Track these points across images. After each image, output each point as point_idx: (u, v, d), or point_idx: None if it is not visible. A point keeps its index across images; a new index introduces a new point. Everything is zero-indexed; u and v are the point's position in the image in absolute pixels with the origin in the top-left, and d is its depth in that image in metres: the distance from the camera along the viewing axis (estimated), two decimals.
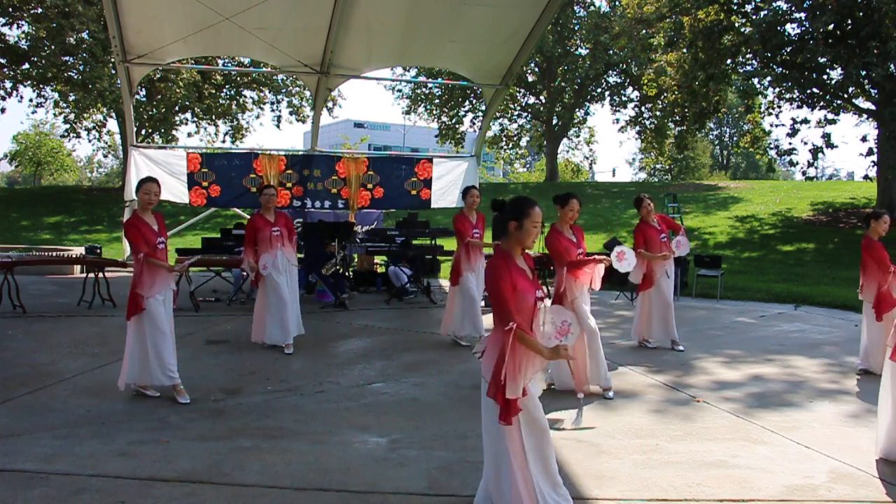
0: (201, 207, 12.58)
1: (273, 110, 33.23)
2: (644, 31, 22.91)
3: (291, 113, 28.93)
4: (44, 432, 4.28)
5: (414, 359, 6.57)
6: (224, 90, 27.75)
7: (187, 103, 25.74)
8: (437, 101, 33.27)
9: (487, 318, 3.98)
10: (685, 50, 20.13)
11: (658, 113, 30.69)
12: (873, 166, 18.67)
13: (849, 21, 17.27)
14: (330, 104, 26.80)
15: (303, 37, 10.67)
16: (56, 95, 25.77)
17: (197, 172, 11.52)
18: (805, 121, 19.18)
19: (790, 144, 23.98)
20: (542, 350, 3.05)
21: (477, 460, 3.28)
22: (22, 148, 43.58)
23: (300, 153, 14.62)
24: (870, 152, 18.43)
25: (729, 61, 19.87)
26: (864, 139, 18.67)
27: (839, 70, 18.31)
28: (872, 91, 18.15)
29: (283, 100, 28.84)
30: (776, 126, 35.22)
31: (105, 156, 48.69)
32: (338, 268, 9.70)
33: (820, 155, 18.90)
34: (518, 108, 34.75)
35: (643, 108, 32.71)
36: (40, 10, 21.77)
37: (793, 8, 18.28)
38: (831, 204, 21.94)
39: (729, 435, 4.53)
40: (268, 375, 5.82)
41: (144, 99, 25.38)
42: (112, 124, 30.68)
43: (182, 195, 11.55)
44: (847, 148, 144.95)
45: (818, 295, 10.88)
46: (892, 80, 16.58)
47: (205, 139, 30.56)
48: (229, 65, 25.38)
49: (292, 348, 6.63)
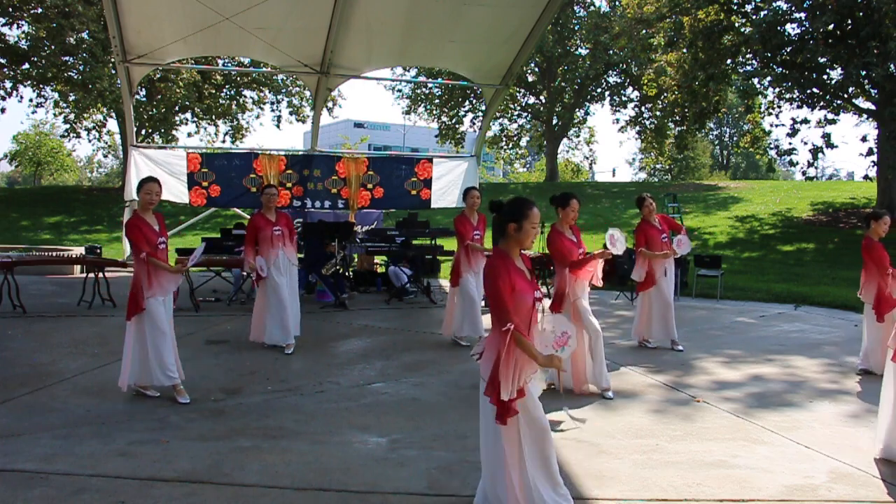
0: (201, 207, 12.59)
1: (273, 110, 33.30)
2: (644, 31, 22.91)
3: (291, 113, 28.95)
4: (44, 432, 4.28)
5: (414, 359, 6.57)
6: (224, 90, 27.76)
7: (187, 103, 25.74)
8: (437, 101, 33.27)
9: (487, 319, 3.98)
10: (685, 50, 20.13)
11: (658, 113, 30.70)
12: (873, 166, 18.68)
13: (849, 21, 17.27)
14: (330, 104, 26.82)
15: (303, 37, 10.68)
16: (56, 95, 25.78)
17: (197, 172, 11.52)
18: (805, 121, 19.19)
19: (790, 144, 24.05)
20: (537, 356, 3.04)
21: (477, 460, 3.28)
22: (22, 148, 43.60)
23: (300, 153, 14.62)
24: (870, 152, 18.44)
25: (729, 61, 19.87)
26: (864, 139, 18.71)
27: (839, 70, 18.32)
28: (872, 91, 18.15)
29: (283, 100, 28.85)
30: (776, 126, 35.33)
31: (105, 156, 48.83)
32: (338, 268, 9.70)
33: (820, 155, 18.92)
34: (518, 108, 34.76)
35: (643, 108, 32.73)
36: (40, 10, 21.77)
37: (793, 8, 18.29)
38: (831, 204, 21.94)
39: (729, 435, 4.53)
40: (268, 375, 5.82)
41: (144, 99, 25.37)
42: (112, 124, 30.76)
43: (182, 195, 11.55)
44: (847, 148, 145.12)
45: (818, 295, 10.88)
46: (892, 80, 16.58)
47: (205, 139, 30.62)
48: (229, 65, 25.38)
49: (293, 348, 6.64)
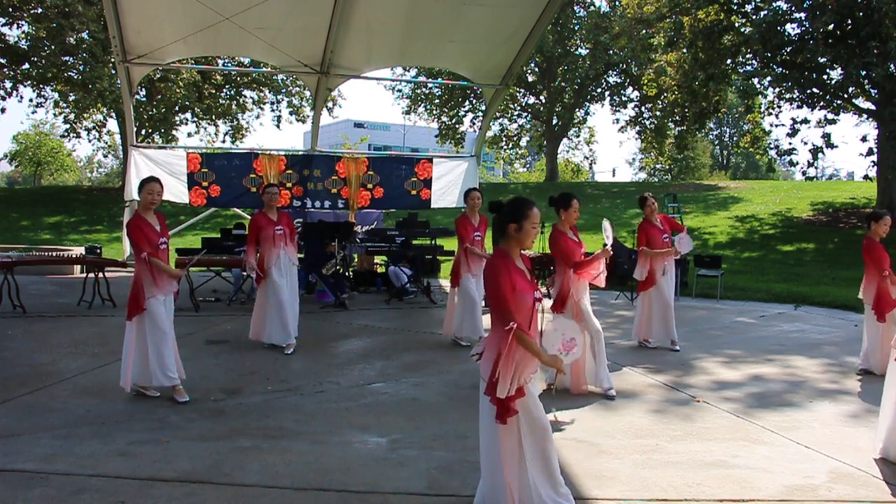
0: (201, 207, 12.60)
1: (273, 110, 33.27)
2: (644, 31, 22.91)
3: (291, 113, 28.94)
4: (44, 432, 4.29)
5: (414, 359, 6.57)
6: (224, 90, 27.75)
7: (187, 103, 25.73)
8: (437, 101, 33.26)
9: (487, 320, 3.97)
10: (685, 50, 20.13)
11: (658, 113, 30.68)
12: (873, 166, 18.68)
13: (849, 21, 17.27)
14: (330, 104, 26.82)
15: (303, 37, 10.68)
16: (56, 95, 25.76)
17: (197, 172, 11.52)
18: (805, 121, 19.18)
19: (790, 144, 24.05)
20: (541, 353, 3.05)
21: (477, 460, 3.28)
22: (22, 148, 43.60)
23: (300, 153, 14.62)
24: (870, 152, 18.43)
25: (729, 61, 19.86)
26: (864, 139, 18.69)
27: (839, 70, 18.31)
28: (872, 91, 18.14)
29: (283, 100, 28.84)
30: (776, 126, 35.31)
31: (105, 156, 48.84)
32: (338, 268, 9.70)
33: (820, 155, 18.91)
34: (518, 108, 34.75)
35: (643, 108, 32.72)
36: (40, 10, 21.75)
37: (793, 8, 18.28)
38: (831, 204, 21.94)
39: (729, 435, 4.53)
40: (268, 375, 5.82)
41: (144, 99, 25.37)
42: (112, 124, 30.75)
43: (182, 195, 11.56)
44: (847, 148, 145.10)
45: (818, 295, 10.88)
46: (892, 80, 16.58)
47: (205, 139, 30.62)
48: (229, 65, 25.38)
49: (293, 348, 6.64)
